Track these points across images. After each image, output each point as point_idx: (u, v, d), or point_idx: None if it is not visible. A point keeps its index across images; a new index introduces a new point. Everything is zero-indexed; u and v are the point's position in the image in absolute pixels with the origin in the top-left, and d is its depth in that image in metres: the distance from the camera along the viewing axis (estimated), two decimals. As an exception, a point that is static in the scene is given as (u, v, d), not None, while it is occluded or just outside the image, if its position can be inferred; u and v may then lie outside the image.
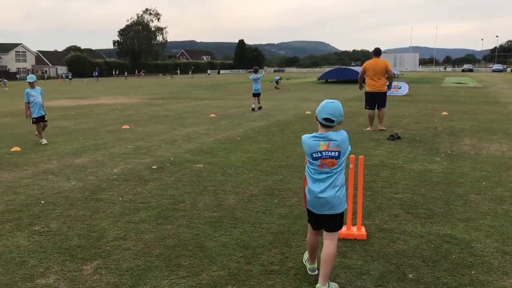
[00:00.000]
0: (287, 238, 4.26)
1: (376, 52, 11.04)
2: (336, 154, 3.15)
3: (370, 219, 4.75)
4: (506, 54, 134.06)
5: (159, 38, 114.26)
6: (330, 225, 3.26)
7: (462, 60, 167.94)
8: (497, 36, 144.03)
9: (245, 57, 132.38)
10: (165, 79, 67.06)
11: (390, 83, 11.17)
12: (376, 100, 10.87)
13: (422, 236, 4.29)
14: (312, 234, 3.44)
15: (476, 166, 7.08)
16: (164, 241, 4.24)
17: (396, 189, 5.87)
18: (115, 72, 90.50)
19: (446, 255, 3.86)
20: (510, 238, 4.21)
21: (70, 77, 67.35)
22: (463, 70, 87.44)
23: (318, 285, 3.23)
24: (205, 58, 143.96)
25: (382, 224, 4.62)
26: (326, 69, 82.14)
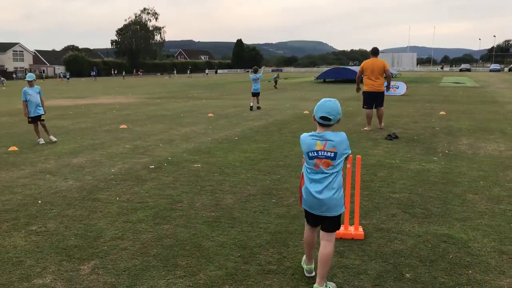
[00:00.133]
0: (285, 238, 4.26)
1: (374, 51, 11.04)
2: (331, 155, 3.12)
3: (367, 219, 4.75)
4: (503, 54, 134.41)
5: (157, 37, 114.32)
6: (327, 225, 3.24)
7: (460, 59, 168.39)
8: (494, 36, 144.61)
9: (243, 56, 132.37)
10: (163, 79, 66.99)
11: (388, 83, 11.18)
12: (374, 99, 10.88)
13: (420, 235, 4.29)
14: (308, 231, 3.43)
15: (473, 165, 7.09)
16: (161, 241, 4.24)
17: (393, 188, 5.87)
18: (114, 71, 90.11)
19: (443, 255, 3.86)
20: (507, 237, 4.22)
21: (68, 76, 67.25)
22: (461, 70, 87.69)
23: (315, 285, 3.22)
24: (203, 57, 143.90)
25: (379, 223, 4.63)
26: (324, 68, 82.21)
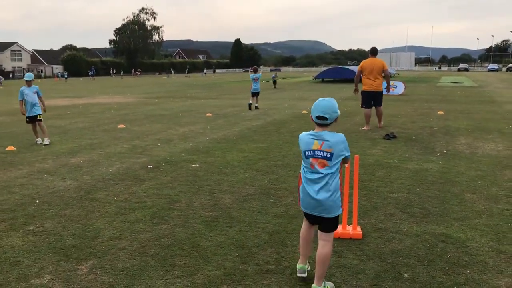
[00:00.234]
0: (283, 238, 4.26)
1: (372, 51, 11.06)
2: (327, 155, 3.11)
3: (365, 218, 4.75)
4: (501, 54, 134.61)
5: (155, 37, 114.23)
6: (324, 226, 3.24)
7: (458, 59, 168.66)
8: (492, 35, 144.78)
9: (241, 56, 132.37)
10: (161, 78, 66.95)
11: (388, 83, 11.24)
12: (372, 99, 10.91)
13: (418, 235, 4.29)
14: (306, 226, 3.42)
15: (471, 165, 7.10)
16: (159, 240, 4.23)
17: (391, 188, 5.88)
18: (113, 71, 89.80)
19: (441, 254, 3.86)
20: (505, 237, 4.23)
21: (66, 76, 67.11)
22: (459, 70, 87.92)
23: (313, 285, 3.22)
24: (201, 57, 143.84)
25: (377, 223, 4.63)
26: (322, 68, 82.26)
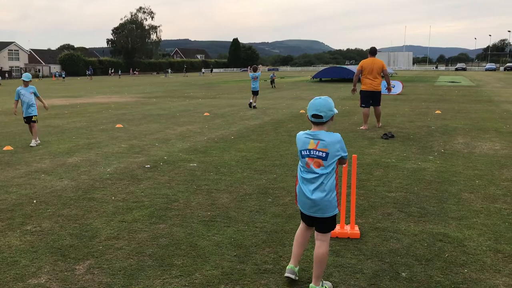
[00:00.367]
0: (281, 237, 4.26)
1: (372, 51, 11.14)
2: (323, 155, 3.10)
3: (363, 218, 4.75)
4: (499, 53, 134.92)
5: (153, 36, 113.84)
6: (320, 226, 3.23)
7: (456, 59, 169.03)
8: (490, 35, 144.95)
9: (239, 55, 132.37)
10: (159, 78, 66.87)
11: (388, 83, 11.27)
12: (371, 98, 10.94)
13: (415, 234, 4.30)
14: (302, 228, 3.39)
15: (469, 164, 7.11)
16: (157, 240, 4.23)
17: (389, 187, 5.88)
18: (111, 70, 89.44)
19: (439, 254, 3.87)
20: (502, 236, 4.23)
21: (64, 75, 66.99)
22: (457, 69, 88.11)
23: (311, 284, 3.22)
24: (199, 56, 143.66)
25: (375, 222, 4.63)
26: (320, 68, 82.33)
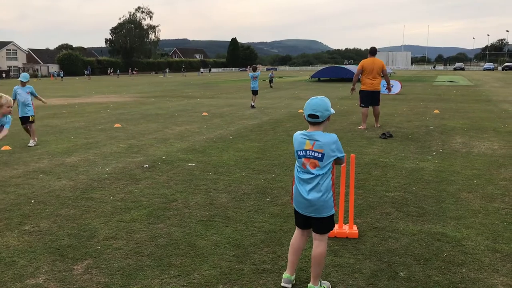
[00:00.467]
0: (279, 237, 4.26)
1: (372, 51, 11.20)
2: (319, 155, 3.08)
3: (361, 218, 4.75)
4: (497, 53, 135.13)
5: (152, 36, 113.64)
6: (317, 226, 3.20)
7: (454, 58, 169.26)
8: (488, 35, 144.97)
9: (237, 55, 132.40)
10: (157, 78, 66.81)
11: (388, 83, 11.33)
12: (371, 98, 10.98)
13: (414, 234, 4.30)
14: (297, 234, 3.33)
15: (467, 164, 7.12)
16: (155, 240, 4.22)
17: (387, 187, 5.88)
18: (110, 70, 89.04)
19: (437, 253, 3.87)
20: (500, 236, 4.24)
21: (62, 75, 66.90)
22: (455, 69, 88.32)
23: (310, 284, 3.22)
24: (197, 56, 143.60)
25: (373, 222, 4.63)
26: (319, 67, 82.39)
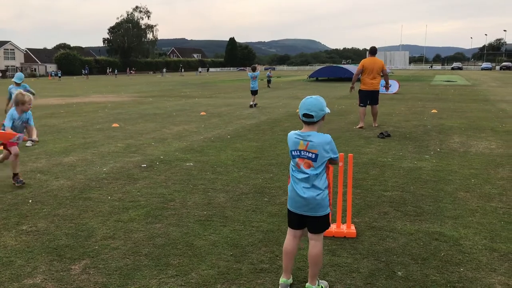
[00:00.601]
0: (277, 237, 4.25)
1: (372, 51, 11.28)
2: (312, 156, 3.07)
3: (359, 217, 4.76)
4: (495, 53, 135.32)
5: (150, 36, 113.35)
6: (313, 226, 3.19)
7: (452, 58, 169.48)
8: (486, 34, 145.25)
9: (236, 55, 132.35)
10: (155, 77, 66.73)
11: (387, 82, 11.39)
12: (370, 98, 11.02)
13: (411, 233, 4.30)
14: (290, 237, 3.29)
15: (465, 163, 7.13)
16: (153, 240, 4.22)
17: (385, 186, 5.89)
18: (109, 69, 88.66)
19: (435, 253, 3.87)
20: (498, 235, 4.25)
21: (60, 75, 66.74)
22: (453, 68, 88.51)
23: (307, 284, 3.22)
24: (195, 56, 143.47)
25: (371, 222, 4.64)
26: (317, 67, 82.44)
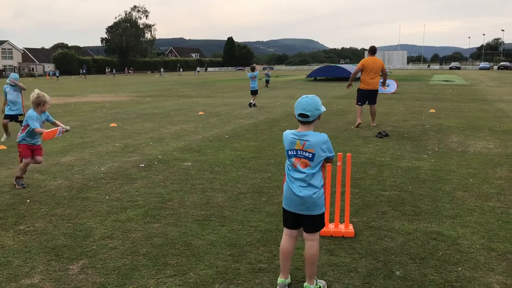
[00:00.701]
0: (275, 236, 4.25)
1: (372, 50, 11.35)
2: (309, 155, 3.08)
3: (357, 217, 4.76)
4: (492, 52, 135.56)
5: (148, 35, 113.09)
6: (308, 225, 3.19)
7: (450, 58, 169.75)
8: (484, 34, 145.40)
9: (234, 54, 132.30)
10: (153, 77, 66.66)
11: (384, 80, 11.43)
12: (368, 97, 11.05)
13: (410, 233, 4.31)
14: (286, 237, 3.30)
15: (463, 163, 7.14)
16: (151, 239, 4.21)
17: (383, 186, 5.89)
18: (108, 69, 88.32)
19: (433, 252, 3.88)
20: (496, 234, 4.25)
21: (58, 74, 66.64)
22: (451, 68, 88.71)
23: (305, 284, 3.22)
24: (193, 55, 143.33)
25: (369, 221, 4.64)
26: (315, 66, 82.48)
